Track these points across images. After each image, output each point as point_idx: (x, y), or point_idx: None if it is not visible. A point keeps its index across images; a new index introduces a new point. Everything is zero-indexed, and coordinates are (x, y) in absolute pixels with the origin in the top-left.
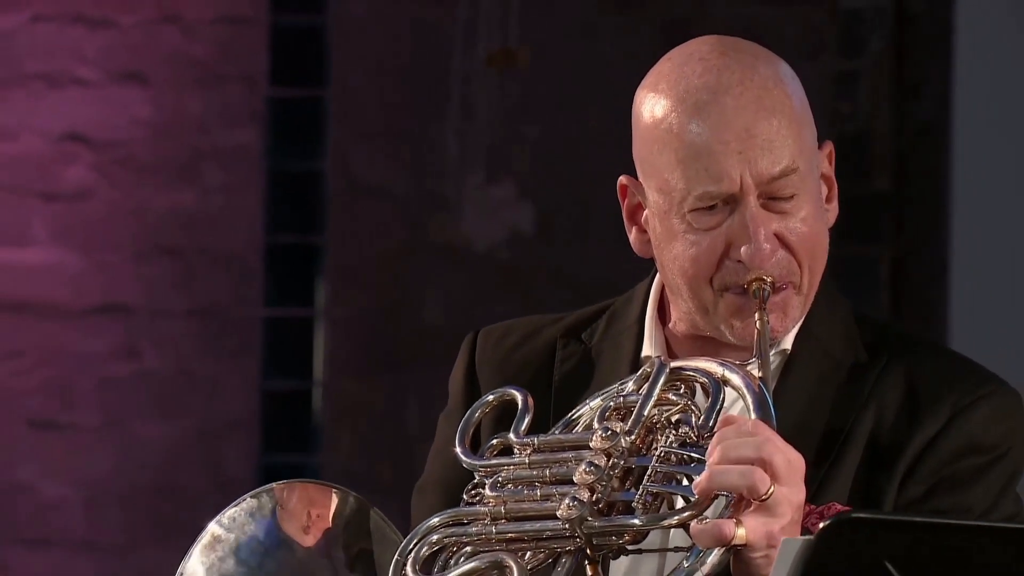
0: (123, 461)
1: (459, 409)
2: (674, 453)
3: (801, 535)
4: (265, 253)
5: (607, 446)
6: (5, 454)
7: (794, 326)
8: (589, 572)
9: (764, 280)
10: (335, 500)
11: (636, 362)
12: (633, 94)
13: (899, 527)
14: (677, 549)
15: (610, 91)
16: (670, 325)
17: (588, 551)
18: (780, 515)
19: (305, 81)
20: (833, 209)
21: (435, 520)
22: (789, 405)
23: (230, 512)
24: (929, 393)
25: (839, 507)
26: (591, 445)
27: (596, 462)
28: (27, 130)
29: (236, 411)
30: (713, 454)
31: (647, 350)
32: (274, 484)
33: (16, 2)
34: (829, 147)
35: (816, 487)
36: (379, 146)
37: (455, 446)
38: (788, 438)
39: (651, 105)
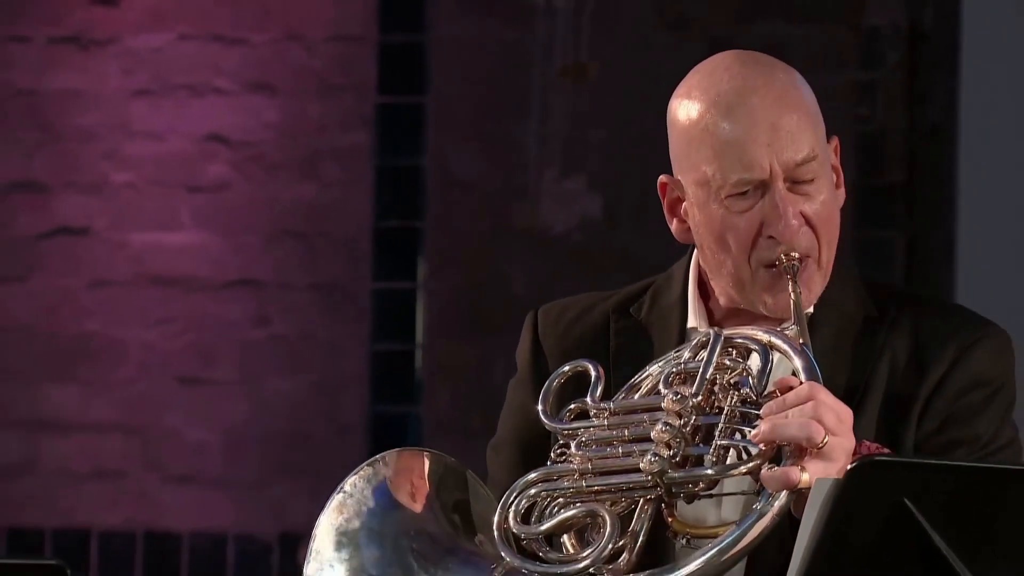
0: (255, 411)
1: (528, 377)
2: (738, 411)
3: None
4: (374, 236)
5: (678, 408)
6: (157, 405)
7: (816, 298)
8: (666, 515)
9: (794, 256)
10: (433, 463)
11: (683, 332)
12: None
13: (914, 468)
14: (744, 493)
15: (666, 99)
16: (712, 298)
17: (666, 498)
18: (835, 459)
19: (408, 90)
20: (841, 194)
21: (532, 476)
22: (816, 362)
23: (352, 480)
24: (934, 340)
25: (868, 444)
26: (663, 407)
27: (670, 422)
28: (174, 133)
29: (350, 369)
30: (774, 410)
31: (692, 322)
32: (382, 454)
33: (164, 23)
34: (835, 141)
35: None
36: (470, 145)
37: (537, 410)
38: None
39: (686, 110)
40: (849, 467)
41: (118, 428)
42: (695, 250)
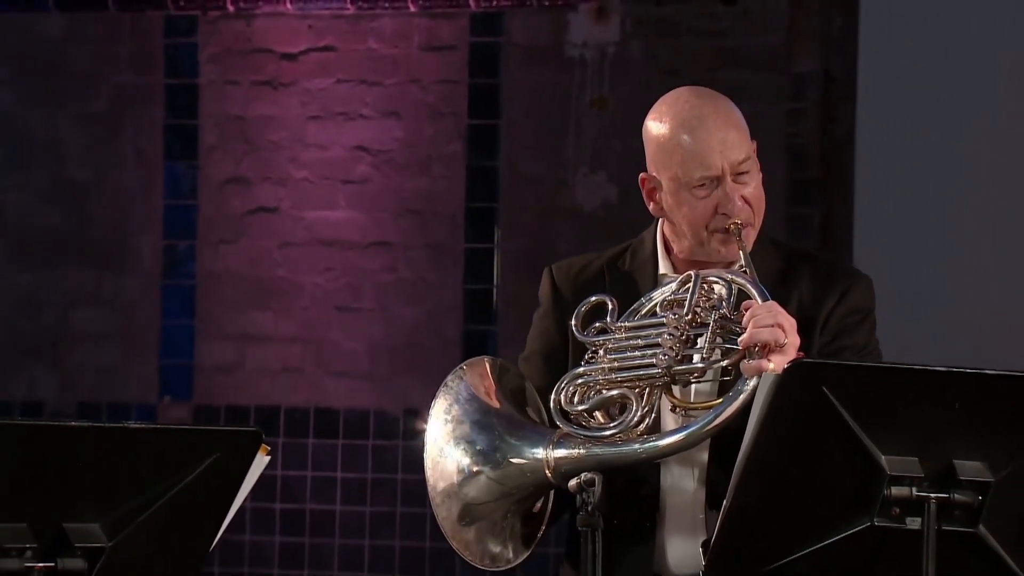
0: (388, 329)
1: (550, 311)
2: (720, 323)
3: None
4: (466, 213)
5: (676, 323)
6: (323, 325)
7: (751, 247)
8: (676, 393)
9: (739, 223)
10: (496, 365)
11: (655, 276)
12: None
13: (832, 368)
14: (724, 377)
15: None
16: (675, 253)
17: (672, 384)
18: (789, 354)
19: (488, 115)
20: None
21: (577, 371)
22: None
23: (448, 379)
24: (825, 284)
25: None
26: (665, 323)
27: (672, 333)
28: (335, 144)
29: (450, 301)
30: (750, 322)
31: (663, 269)
32: (460, 365)
33: (328, 72)
34: (755, 143)
35: None
36: (530, 152)
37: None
38: None
39: (659, 128)
40: (785, 367)
41: (298, 340)
42: (660, 221)
